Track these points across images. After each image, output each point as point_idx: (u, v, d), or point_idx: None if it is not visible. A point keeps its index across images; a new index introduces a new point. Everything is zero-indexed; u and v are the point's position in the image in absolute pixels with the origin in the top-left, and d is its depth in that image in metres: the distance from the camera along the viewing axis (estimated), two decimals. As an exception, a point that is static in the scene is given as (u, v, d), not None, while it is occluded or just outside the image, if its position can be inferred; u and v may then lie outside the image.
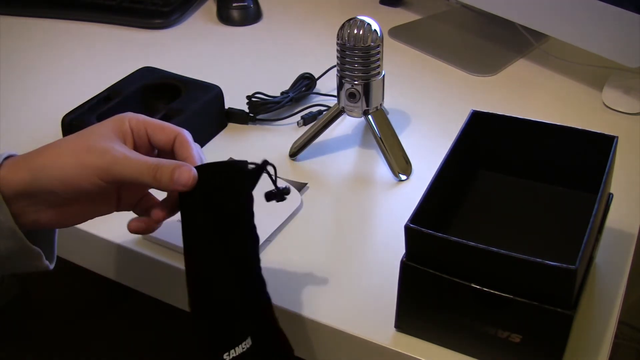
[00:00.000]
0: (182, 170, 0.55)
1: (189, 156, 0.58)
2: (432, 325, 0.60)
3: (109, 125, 0.58)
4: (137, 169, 0.55)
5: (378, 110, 0.82)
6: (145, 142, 0.59)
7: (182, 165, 0.55)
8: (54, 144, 0.57)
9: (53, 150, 0.56)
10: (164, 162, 0.55)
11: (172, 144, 0.59)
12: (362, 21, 0.77)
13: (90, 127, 0.58)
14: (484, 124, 0.70)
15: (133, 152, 0.56)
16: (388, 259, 0.69)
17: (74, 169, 0.54)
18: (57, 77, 1.01)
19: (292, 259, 0.70)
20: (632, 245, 0.71)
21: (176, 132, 0.59)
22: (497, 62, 1.04)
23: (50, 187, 0.54)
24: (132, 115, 0.59)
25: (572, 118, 0.91)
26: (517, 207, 0.69)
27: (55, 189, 0.54)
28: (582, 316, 0.62)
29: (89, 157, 0.54)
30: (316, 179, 0.81)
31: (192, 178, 0.55)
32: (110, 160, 0.54)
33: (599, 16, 0.87)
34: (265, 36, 1.12)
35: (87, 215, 0.59)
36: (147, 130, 0.59)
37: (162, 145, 0.59)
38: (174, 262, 0.69)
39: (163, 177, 0.55)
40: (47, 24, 1.15)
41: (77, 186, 0.54)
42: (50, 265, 0.60)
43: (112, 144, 0.56)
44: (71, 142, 0.56)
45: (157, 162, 0.55)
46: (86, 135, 0.57)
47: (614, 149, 0.63)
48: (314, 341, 0.65)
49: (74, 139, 0.57)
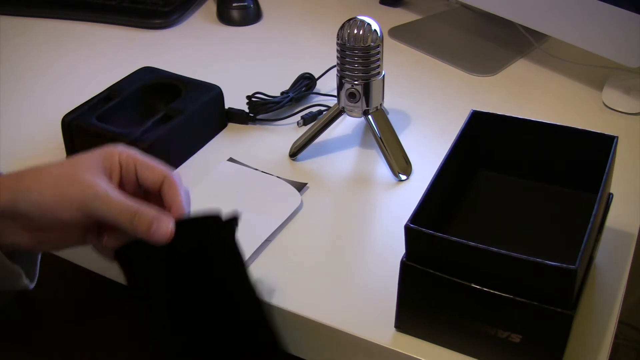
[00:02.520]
0: (160, 223, 0.54)
1: (175, 201, 0.57)
2: (432, 325, 0.60)
3: (98, 156, 0.57)
4: (116, 209, 0.54)
5: (378, 110, 0.82)
6: (132, 179, 0.58)
7: (160, 217, 0.54)
8: (39, 168, 0.56)
9: (36, 175, 0.55)
10: (145, 209, 0.54)
11: (160, 185, 0.58)
12: (362, 21, 0.77)
13: (78, 156, 0.57)
14: (484, 124, 0.70)
15: (115, 191, 0.55)
16: (388, 259, 0.69)
17: (54, 198, 0.54)
18: (57, 77, 1.01)
19: (292, 259, 0.70)
20: (632, 245, 0.71)
21: (165, 173, 0.58)
22: (497, 62, 1.04)
23: (29, 213, 0.54)
24: (123, 149, 0.58)
25: (572, 118, 0.91)
26: (517, 207, 0.69)
27: (33, 215, 0.54)
28: (582, 316, 0.62)
29: (70, 189, 0.54)
30: (316, 179, 0.81)
31: (169, 234, 0.54)
32: (91, 195, 0.54)
33: (599, 16, 0.87)
34: (265, 36, 1.12)
35: (65, 244, 0.58)
36: (136, 168, 0.58)
37: (149, 185, 0.58)
38: (174, 262, 0.69)
39: (139, 226, 0.54)
40: (47, 24, 1.15)
41: (55, 215, 0.54)
42: (31, 284, 0.59)
43: (96, 179, 0.55)
44: (55, 169, 0.55)
45: (137, 207, 0.54)
46: (72, 164, 0.56)
47: (614, 149, 0.63)
48: (314, 341, 0.65)
49: (59, 166, 0.56)
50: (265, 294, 0.66)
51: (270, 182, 0.79)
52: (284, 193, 0.78)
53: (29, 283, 0.59)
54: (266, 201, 0.76)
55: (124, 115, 0.84)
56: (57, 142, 0.85)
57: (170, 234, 0.54)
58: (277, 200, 0.76)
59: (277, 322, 0.65)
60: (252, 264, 0.69)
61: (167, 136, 0.80)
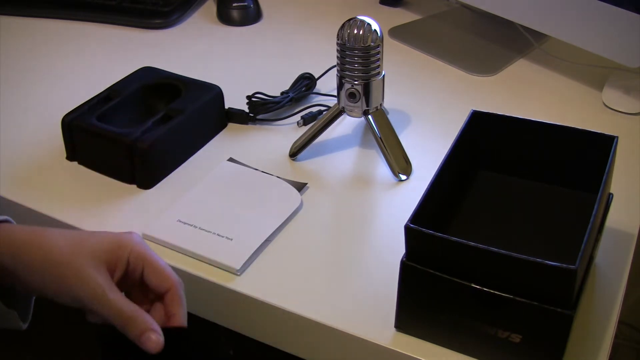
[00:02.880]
0: (150, 337, 0.55)
1: (176, 314, 0.57)
2: (432, 325, 0.60)
3: (106, 246, 0.57)
4: (111, 312, 0.55)
5: (378, 110, 0.82)
6: (136, 277, 0.58)
7: (152, 331, 0.55)
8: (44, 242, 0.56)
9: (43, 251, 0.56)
10: (138, 317, 0.55)
11: (164, 292, 0.58)
12: (362, 21, 0.77)
13: (88, 236, 0.58)
14: (484, 124, 0.70)
15: (114, 292, 0.56)
16: (388, 259, 0.69)
17: (52, 283, 0.55)
18: (57, 77, 1.01)
19: (292, 259, 0.70)
20: (632, 245, 0.71)
21: (171, 284, 0.58)
22: (497, 62, 1.04)
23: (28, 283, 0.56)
24: (136, 245, 0.58)
25: (572, 118, 0.91)
26: (517, 207, 0.69)
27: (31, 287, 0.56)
28: (582, 316, 0.62)
29: (70, 281, 0.55)
30: (316, 179, 0.81)
31: (159, 347, 0.55)
32: (88, 294, 0.55)
33: (599, 16, 0.87)
34: (265, 36, 1.12)
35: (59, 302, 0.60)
36: (143, 269, 0.58)
37: (153, 288, 0.59)
38: (173, 262, 0.69)
39: (131, 332, 0.55)
40: (47, 24, 1.15)
41: (52, 297, 0.56)
42: (24, 325, 0.60)
43: (96, 274, 0.55)
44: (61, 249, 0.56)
45: (131, 314, 0.55)
46: (78, 247, 0.56)
47: (614, 149, 0.63)
48: (314, 341, 0.65)
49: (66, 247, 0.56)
50: (265, 294, 0.66)
51: (270, 182, 0.79)
52: (284, 193, 0.78)
53: (23, 324, 0.60)
54: (266, 201, 0.76)
55: (124, 115, 0.84)
56: (57, 142, 0.85)
57: (160, 347, 0.55)
58: (277, 200, 0.76)
59: (278, 321, 0.65)
60: (252, 264, 0.69)
61: (167, 136, 0.80)
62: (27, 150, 0.86)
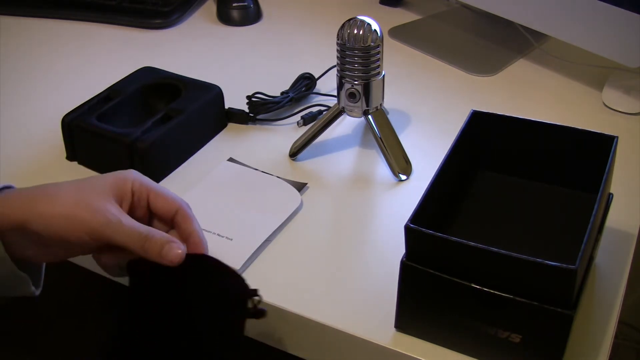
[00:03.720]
0: (171, 246, 0.55)
1: (192, 231, 0.58)
2: (432, 325, 0.60)
3: (110, 182, 0.58)
4: (127, 235, 0.55)
5: (378, 110, 0.82)
6: (143, 207, 0.59)
7: (172, 241, 0.55)
8: (52, 189, 0.57)
9: (50, 197, 0.56)
10: (155, 233, 0.56)
11: (172, 216, 0.59)
12: (362, 21, 0.77)
13: (90, 180, 0.58)
14: (484, 124, 0.70)
15: (126, 217, 0.56)
16: (388, 259, 0.69)
17: (65, 222, 0.55)
18: (57, 77, 1.01)
19: (292, 259, 0.70)
20: (632, 245, 0.71)
21: (178, 205, 0.59)
22: (497, 62, 1.04)
23: (40, 233, 0.55)
24: (137, 177, 0.59)
25: (572, 118, 0.91)
26: (517, 207, 0.69)
27: (44, 235, 0.55)
28: (582, 316, 0.62)
29: (82, 214, 0.55)
30: (316, 179, 0.81)
31: (180, 257, 0.55)
32: (102, 221, 0.55)
33: (599, 16, 0.87)
34: (265, 36, 1.12)
35: (71, 255, 0.60)
36: (149, 197, 0.59)
37: (162, 214, 0.59)
38: (174, 262, 0.69)
39: (151, 250, 0.55)
40: (47, 24, 1.15)
41: (64, 238, 0.55)
42: (37, 291, 0.61)
43: (107, 204, 0.56)
44: (69, 192, 0.56)
45: (147, 232, 0.55)
46: (84, 189, 0.57)
47: (614, 149, 0.63)
48: (314, 341, 0.65)
49: (73, 189, 0.57)
50: (265, 294, 0.66)
51: (270, 182, 0.79)
52: (284, 193, 0.78)
53: (35, 290, 0.60)
54: (266, 201, 0.76)
55: (124, 115, 0.84)
56: (57, 142, 0.85)
57: (182, 257, 0.55)
58: (277, 200, 0.76)
59: (277, 322, 0.65)
60: (252, 264, 0.69)
61: (167, 136, 0.80)
62: (27, 150, 0.86)
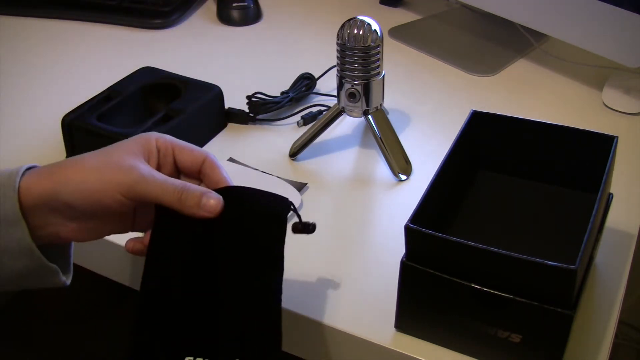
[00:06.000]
0: (209, 196, 0.55)
1: (221, 179, 0.58)
2: (432, 325, 0.60)
3: (135, 143, 0.57)
4: (162, 189, 0.54)
5: (378, 110, 0.82)
6: (170, 163, 0.59)
7: (209, 192, 0.55)
8: (77, 158, 0.56)
9: (77, 164, 0.55)
10: (191, 185, 0.55)
11: (199, 167, 0.59)
12: (362, 21, 0.77)
13: (115, 144, 0.58)
14: (484, 124, 0.70)
15: (158, 173, 0.56)
16: (388, 259, 0.69)
17: (97, 184, 0.54)
18: (57, 77, 1.01)
19: (292, 259, 0.70)
20: (632, 245, 0.71)
21: (204, 155, 0.59)
22: (497, 62, 1.04)
23: (71, 201, 0.54)
24: (159, 135, 0.59)
25: (572, 118, 0.91)
26: (517, 207, 0.69)
27: (75, 202, 0.54)
28: (582, 316, 0.62)
29: (114, 173, 0.54)
30: (316, 179, 0.81)
31: (219, 206, 0.55)
32: (136, 177, 0.54)
33: (599, 16, 0.87)
34: (265, 36, 1.12)
35: (103, 232, 0.59)
36: (174, 152, 0.59)
37: (189, 167, 0.59)
38: (174, 262, 0.69)
39: (188, 201, 0.54)
40: (47, 24, 1.15)
41: (98, 201, 0.54)
42: (67, 281, 0.59)
43: (137, 162, 0.55)
44: (95, 157, 0.56)
45: (183, 184, 0.55)
46: (111, 151, 0.56)
47: (614, 149, 0.63)
48: (314, 341, 0.65)
49: (99, 154, 0.56)
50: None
51: (270, 182, 0.79)
52: (284, 193, 0.77)
53: (66, 280, 0.59)
54: (266, 201, 0.76)
55: (124, 115, 0.84)
56: (57, 142, 0.85)
57: (221, 205, 0.55)
58: (277, 200, 0.76)
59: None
60: (252, 264, 0.69)
61: (167, 136, 0.80)
62: (27, 150, 0.86)
